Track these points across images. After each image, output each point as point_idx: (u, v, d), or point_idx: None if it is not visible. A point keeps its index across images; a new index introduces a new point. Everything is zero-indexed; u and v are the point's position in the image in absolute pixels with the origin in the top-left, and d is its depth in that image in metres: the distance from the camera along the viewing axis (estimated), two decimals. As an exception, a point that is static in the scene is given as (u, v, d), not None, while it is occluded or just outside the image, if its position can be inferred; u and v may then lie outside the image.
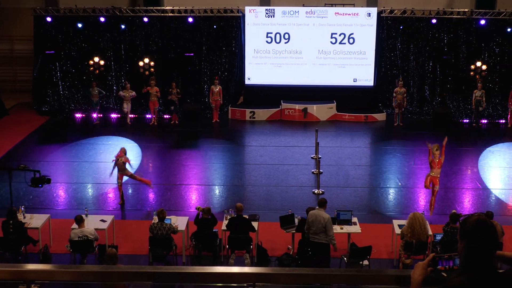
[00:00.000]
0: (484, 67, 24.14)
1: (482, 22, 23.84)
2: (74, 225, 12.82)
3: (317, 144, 19.06)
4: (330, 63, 24.82)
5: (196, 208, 13.50)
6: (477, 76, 24.00)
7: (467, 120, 24.17)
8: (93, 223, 13.34)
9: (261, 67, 24.97)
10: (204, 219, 12.94)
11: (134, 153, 20.10)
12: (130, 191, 16.84)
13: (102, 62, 24.72)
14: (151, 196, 16.69)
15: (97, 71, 24.76)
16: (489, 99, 24.14)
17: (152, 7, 24.45)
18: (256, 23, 24.57)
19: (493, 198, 16.63)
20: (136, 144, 21.21)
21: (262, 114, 24.38)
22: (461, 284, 3.61)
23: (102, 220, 13.63)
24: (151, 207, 15.76)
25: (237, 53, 24.94)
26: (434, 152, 14.92)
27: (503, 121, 24.07)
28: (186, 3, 24.65)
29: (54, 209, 15.54)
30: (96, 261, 12.85)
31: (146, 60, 24.53)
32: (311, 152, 19.68)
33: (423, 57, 24.59)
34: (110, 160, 17.43)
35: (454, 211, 13.68)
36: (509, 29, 23.90)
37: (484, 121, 24.17)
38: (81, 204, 15.76)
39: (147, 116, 24.38)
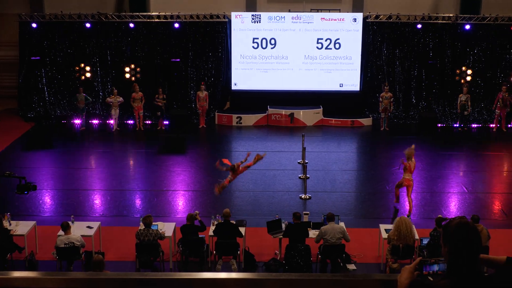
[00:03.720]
0: (469, 71, 24.33)
1: (467, 27, 24.00)
2: (60, 232, 12.75)
3: (303, 149, 19.09)
4: (316, 68, 24.89)
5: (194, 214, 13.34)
6: (463, 81, 24.18)
7: (453, 125, 24.31)
8: (80, 230, 13.27)
9: (248, 72, 25.00)
10: (190, 226, 12.90)
11: (121, 159, 20.06)
12: (115, 197, 16.77)
13: (88, 68, 24.66)
14: (138, 202, 16.64)
15: (82, 77, 24.70)
16: (475, 103, 24.30)
17: (138, 13, 24.42)
18: (242, 29, 24.60)
19: (479, 202, 16.72)
20: (122, 150, 21.15)
21: (249, 119, 24.39)
22: (445, 287, 3.63)
23: (89, 227, 13.56)
24: (137, 213, 15.72)
25: (223, 58, 24.95)
26: (410, 161, 15.41)
27: (492, 125, 24.12)
28: (172, 8, 24.66)
29: (40, 216, 15.45)
30: (83, 268, 12.79)
31: (132, 66, 24.51)
32: (298, 157, 19.71)
33: (408, 62, 24.72)
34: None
35: (439, 215, 13.74)
36: (493, 34, 24.09)
37: (476, 125, 24.33)
38: (67, 211, 15.68)
39: (133, 122, 24.30)
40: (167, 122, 24.04)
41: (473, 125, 24.34)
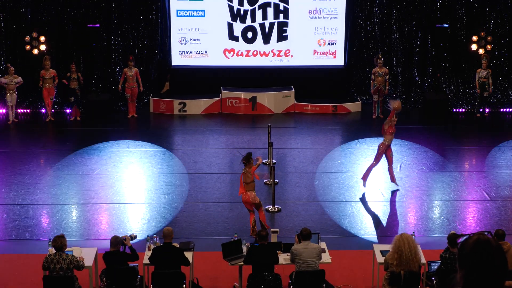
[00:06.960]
0: (489, 38, 24.48)
1: (487, -22, 24.29)
2: None
3: (270, 145, 19.12)
4: (286, 36, 24.92)
5: (130, 237, 13.27)
6: (482, 51, 24.28)
7: (470, 109, 24.57)
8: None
9: (194, 42, 24.92)
10: (115, 253, 12.82)
11: (18, 161, 19.87)
12: (13, 215, 16.62)
13: (-27, 38, 24.44)
14: (45, 220, 16.49)
15: (-35, 51, 24.47)
16: (498, 81, 24.54)
17: (41, -38, 24.26)
18: (185, -17, 24.59)
19: (506, 212, 16.91)
20: (24, 149, 20.94)
21: (196, 106, 24.36)
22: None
23: (-23, 255, 13.45)
24: (44, 235, 15.57)
25: (159, 23, 24.85)
26: (393, 120, 17.27)
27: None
28: (89, -45, 24.52)
29: None
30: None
31: (35, 35, 24.25)
32: (263, 156, 19.73)
33: (409, 26, 24.87)
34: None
35: (453, 231, 13.89)
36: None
37: (501, 109, 24.60)
38: None
39: (42, 110, 24.09)
40: (83, 111, 23.90)
41: (496, 110, 24.61)
